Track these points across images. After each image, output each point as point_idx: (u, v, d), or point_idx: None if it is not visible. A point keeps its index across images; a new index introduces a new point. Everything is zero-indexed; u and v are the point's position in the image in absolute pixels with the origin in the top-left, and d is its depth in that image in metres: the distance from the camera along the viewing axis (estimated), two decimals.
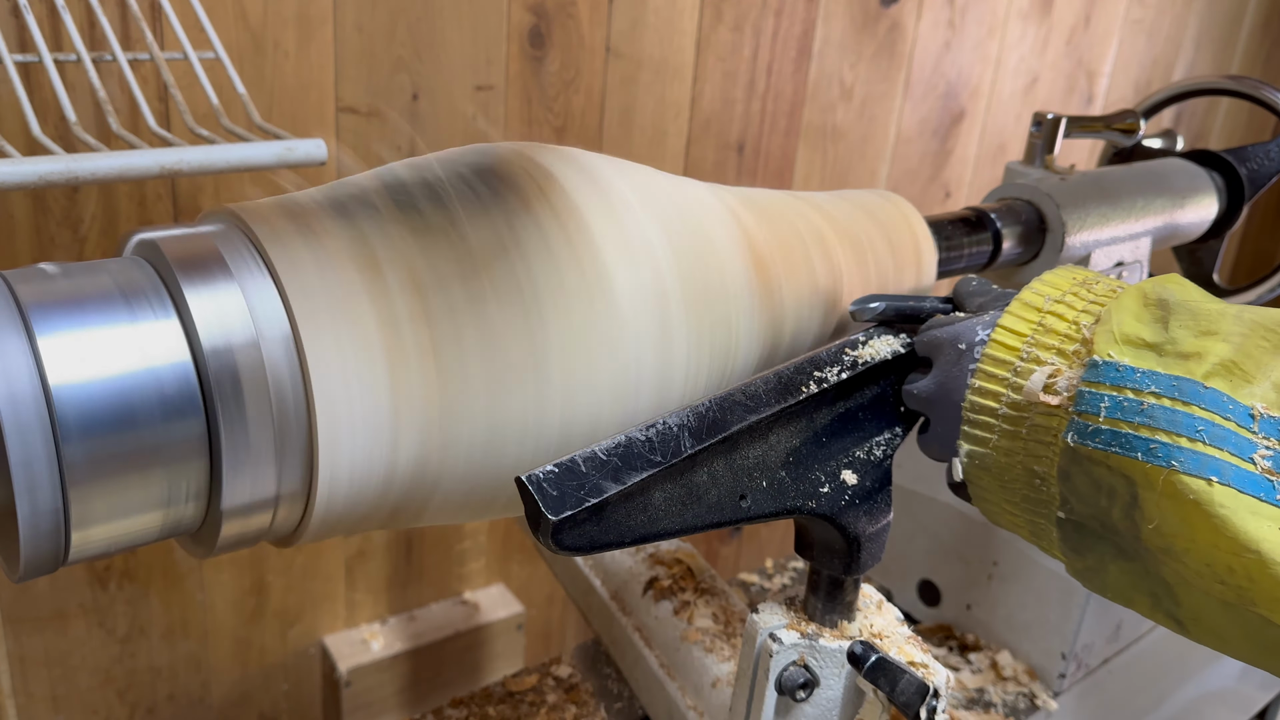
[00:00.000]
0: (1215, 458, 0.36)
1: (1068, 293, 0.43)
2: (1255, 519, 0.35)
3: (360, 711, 1.06)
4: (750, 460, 0.44)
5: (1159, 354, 0.38)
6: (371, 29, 0.85)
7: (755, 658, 0.48)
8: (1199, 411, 0.36)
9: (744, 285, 0.49)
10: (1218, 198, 0.85)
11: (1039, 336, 0.42)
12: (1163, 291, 0.40)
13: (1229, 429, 0.36)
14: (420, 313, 0.39)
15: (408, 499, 0.41)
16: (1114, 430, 0.38)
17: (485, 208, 0.42)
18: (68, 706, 0.92)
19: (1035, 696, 0.82)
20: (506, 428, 0.41)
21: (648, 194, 0.47)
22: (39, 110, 0.71)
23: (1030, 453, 0.41)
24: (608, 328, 0.43)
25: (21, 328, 0.34)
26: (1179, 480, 0.36)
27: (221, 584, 0.96)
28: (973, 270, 0.69)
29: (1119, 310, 0.40)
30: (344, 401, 0.38)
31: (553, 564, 0.78)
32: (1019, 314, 0.43)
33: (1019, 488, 0.42)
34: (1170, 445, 0.36)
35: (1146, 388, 0.37)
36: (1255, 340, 0.37)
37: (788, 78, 1.15)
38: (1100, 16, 1.48)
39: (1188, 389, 0.37)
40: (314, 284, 0.38)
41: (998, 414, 0.42)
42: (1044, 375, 0.40)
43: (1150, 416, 0.37)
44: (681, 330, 0.46)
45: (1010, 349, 0.42)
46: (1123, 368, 0.38)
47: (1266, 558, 0.34)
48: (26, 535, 0.34)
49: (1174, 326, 0.39)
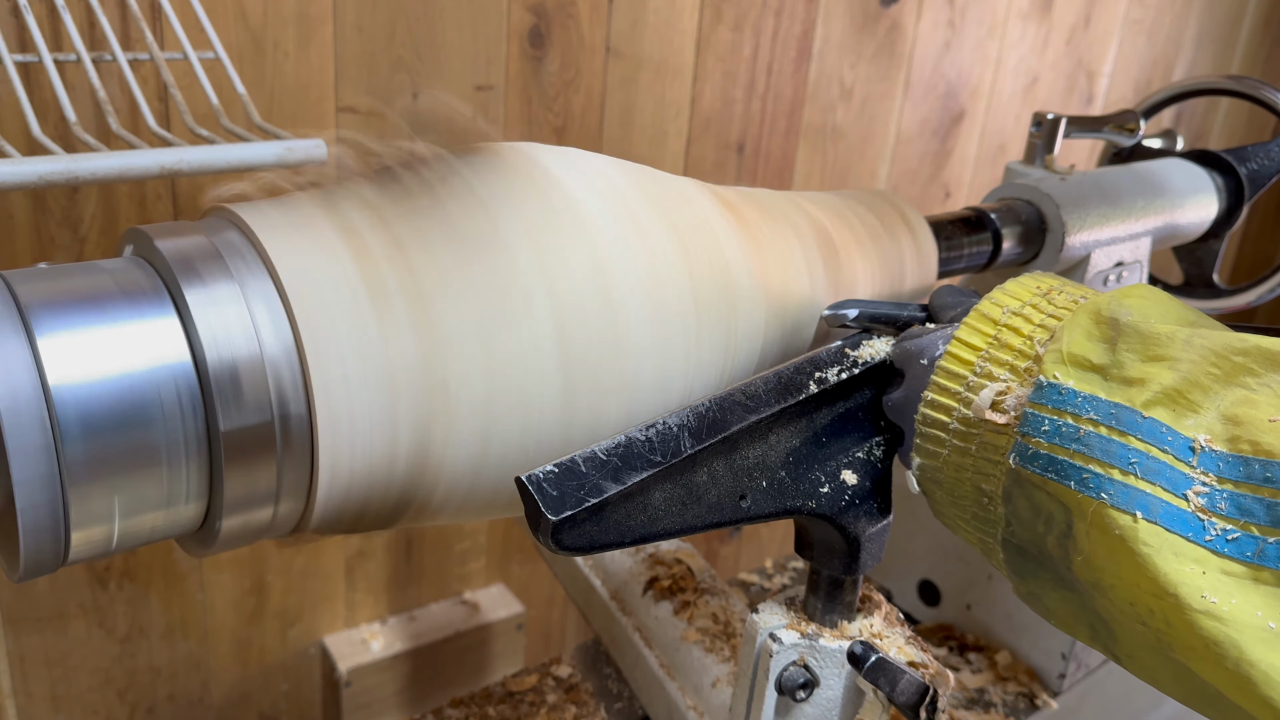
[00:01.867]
0: (1145, 492, 0.34)
1: (1027, 304, 0.42)
2: (1177, 560, 0.33)
3: (360, 711, 1.06)
4: (750, 460, 0.44)
5: (1104, 377, 0.37)
6: (371, 29, 0.85)
7: (755, 658, 0.48)
8: (1134, 442, 0.35)
9: (736, 243, 0.48)
10: (1218, 198, 0.85)
11: (994, 351, 0.40)
12: (1117, 310, 0.38)
13: (1164, 462, 0.34)
14: (420, 310, 0.39)
15: (409, 494, 0.41)
16: (1051, 456, 0.36)
17: (478, 196, 0.42)
18: (68, 706, 0.92)
19: (1035, 696, 0.82)
20: (508, 416, 0.41)
21: (635, 175, 0.47)
22: (39, 110, 0.71)
23: (979, 470, 0.40)
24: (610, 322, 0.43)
25: (21, 328, 0.34)
26: (1107, 513, 0.34)
27: (221, 584, 0.96)
28: (973, 271, 0.69)
29: (1071, 328, 0.39)
30: (344, 400, 0.38)
31: (553, 564, 0.78)
32: (975, 326, 0.42)
33: (968, 504, 0.41)
34: (1102, 476, 0.35)
35: (1086, 413, 0.36)
36: (1204, 368, 0.35)
37: (788, 78, 1.15)
38: (1100, 16, 1.48)
39: (1125, 418, 0.35)
40: (313, 282, 0.38)
41: (949, 428, 0.41)
42: (992, 392, 0.39)
43: (1086, 444, 0.35)
44: (663, 237, 0.44)
45: (964, 363, 0.41)
46: (1066, 390, 0.37)
47: (1184, 602, 0.32)
48: (27, 535, 0.34)
49: (1121, 350, 0.37)
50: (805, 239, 0.54)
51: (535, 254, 0.41)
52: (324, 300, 0.38)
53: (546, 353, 0.41)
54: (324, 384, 0.37)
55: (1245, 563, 0.32)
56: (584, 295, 0.42)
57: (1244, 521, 0.33)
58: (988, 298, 0.43)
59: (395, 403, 0.39)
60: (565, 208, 0.42)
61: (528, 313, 0.40)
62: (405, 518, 0.43)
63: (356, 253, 0.39)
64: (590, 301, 0.42)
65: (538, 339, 0.41)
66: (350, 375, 0.38)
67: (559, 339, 0.41)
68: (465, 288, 0.40)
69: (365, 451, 0.39)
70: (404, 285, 0.39)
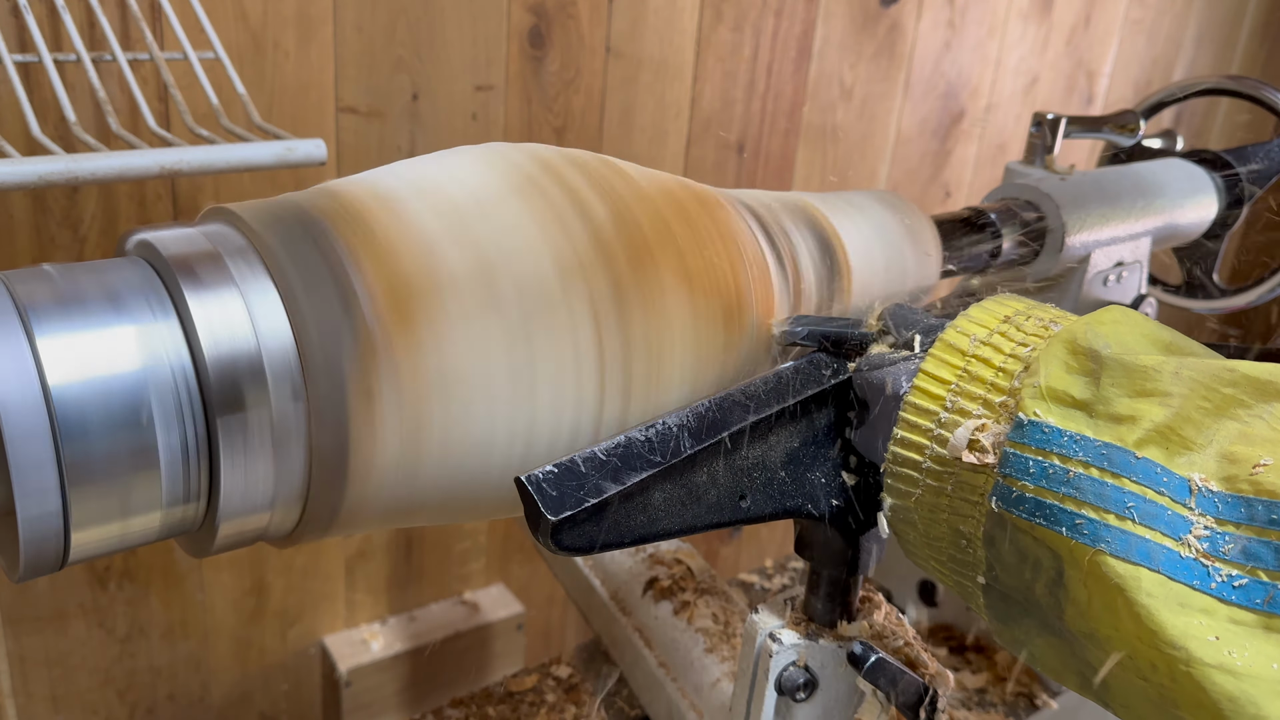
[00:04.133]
0: (1145, 539, 0.32)
1: (995, 332, 0.39)
2: (1183, 613, 0.31)
3: (360, 711, 1.06)
4: (750, 460, 0.44)
5: (1089, 414, 0.35)
6: (371, 29, 0.85)
7: (755, 658, 0.48)
8: (1130, 485, 0.33)
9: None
10: (1218, 198, 0.85)
11: (964, 385, 0.38)
12: (1094, 340, 0.36)
13: (1162, 505, 0.32)
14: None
15: (409, 492, 0.41)
16: (1039, 499, 0.34)
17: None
18: (67, 706, 0.92)
19: (1035, 696, 0.82)
20: (510, 405, 0.41)
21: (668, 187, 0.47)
22: (39, 110, 0.71)
23: (956, 511, 0.37)
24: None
25: (21, 328, 0.34)
26: (1105, 562, 0.32)
27: (221, 584, 0.96)
28: (973, 271, 0.69)
29: (1047, 360, 0.36)
30: None
31: (553, 564, 0.78)
32: (942, 357, 0.39)
33: (945, 546, 0.39)
34: (1098, 522, 0.33)
35: (1074, 454, 0.34)
36: (1196, 401, 0.33)
37: (788, 78, 1.15)
38: (1100, 16, 1.48)
39: (1118, 458, 0.33)
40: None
41: (922, 468, 0.38)
42: (968, 430, 0.37)
43: (1077, 488, 0.33)
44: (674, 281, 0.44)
45: (934, 397, 0.38)
46: (1049, 429, 0.34)
47: (1194, 656, 0.30)
48: (26, 535, 0.34)
49: (1106, 384, 0.35)
50: (805, 241, 0.54)
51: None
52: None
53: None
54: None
55: (1255, 610, 0.31)
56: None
57: (1250, 566, 0.31)
58: (952, 325, 0.40)
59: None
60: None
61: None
62: (407, 515, 0.43)
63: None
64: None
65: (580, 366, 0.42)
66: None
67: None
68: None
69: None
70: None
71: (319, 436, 0.37)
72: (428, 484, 0.41)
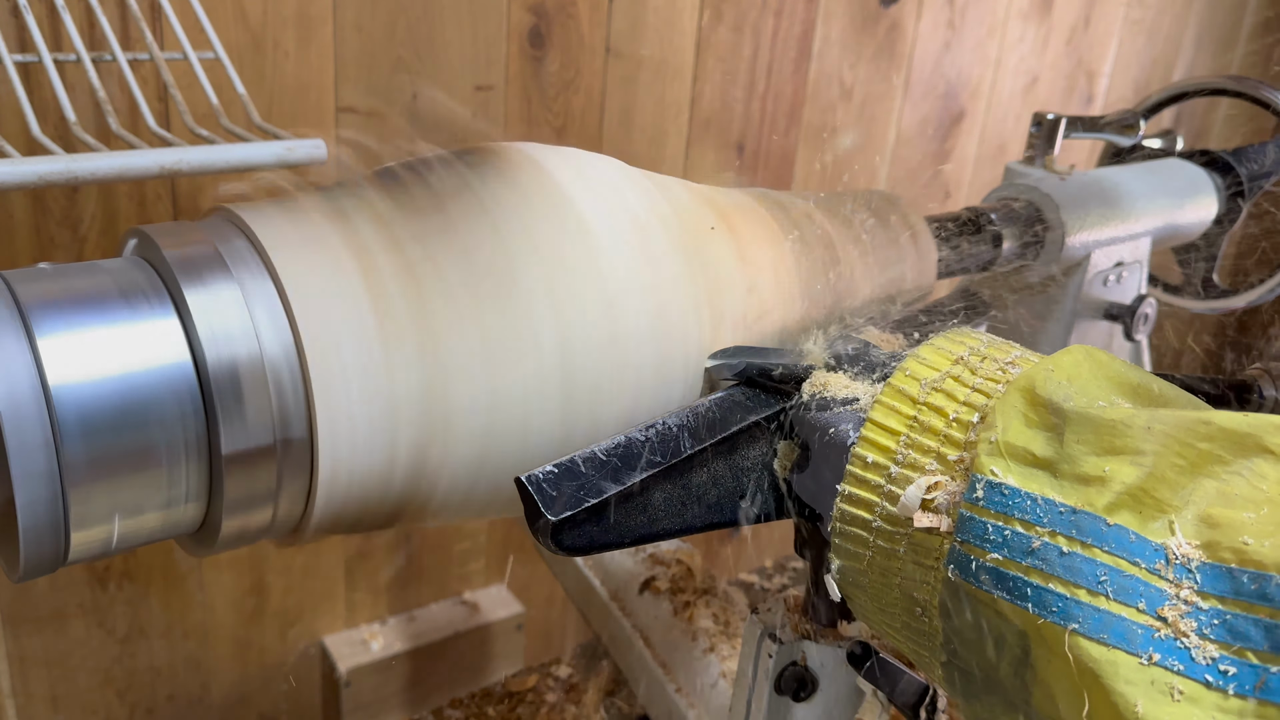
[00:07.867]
0: (1120, 616, 0.28)
1: (947, 375, 0.36)
2: (1166, 703, 0.27)
3: (360, 711, 1.06)
4: (750, 460, 0.44)
5: (1053, 474, 0.31)
6: (371, 29, 0.85)
7: (755, 658, 0.48)
8: (1100, 555, 0.29)
9: (730, 254, 0.49)
10: (1217, 198, 0.85)
11: (915, 436, 0.34)
12: (1053, 390, 0.33)
13: (1136, 576, 0.29)
14: (419, 306, 0.39)
15: (410, 492, 0.41)
16: (1000, 570, 0.30)
17: (490, 217, 0.42)
18: (67, 706, 0.92)
19: None
20: (508, 407, 0.41)
21: (645, 189, 0.47)
22: (39, 110, 0.71)
23: (908, 575, 0.34)
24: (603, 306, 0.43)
25: (21, 328, 0.34)
26: (1077, 644, 0.29)
27: (221, 584, 0.96)
28: (973, 271, 0.69)
29: (1004, 412, 0.33)
30: (343, 400, 0.38)
31: (553, 564, 0.78)
32: (891, 405, 0.36)
33: (898, 613, 0.35)
34: (1066, 597, 0.29)
35: (1039, 520, 0.30)
36: (1170, 459, 0.30)
37: (788, 78, 1.15)
38: (1100, 16, 1.48)
39: (1087, 526, 0.30)
40: (312, 282, 0.38)
41: (872, 527, 0.35)
42: (920, 489, 0.33)
43: (1043, 558, 0.30)
44: (668, 258, 0.44)
45: (883, 450, 0.35)
46: (1009, 490, 0.31)
47: None
48: (26, 535, 0.34)
49: (1070, 441, 0.31)
50: (805, 244, 0.54)
51: (547, 287, 0.41)
52: (324, 302, 0.38)
53: (550, 385, 0.41)
54: (324, 386, 0.37)
55: (1245, 697, 0.27)
56: (592, 330, 0.42)
57: (1238, 647, 0.27)
58: (901, 368, 0.37)
59: (395, 401, 0.39)
60: (578, 233, 0.43)
61: (535, 345, 0.41)
62: (403, 520, 0.43)
63: (364, 270, 0.39)
64: (597, 336, 0.42)
65: (543, 371, 0.41)
66: (350, 378, 0.38)
67: (563, 372, 0.41)
68: (473, 314, 0.40)
69: (365, 454, 0.39)
70: (411, 308, 0.39)
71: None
72: (431, 478, 0.41)
